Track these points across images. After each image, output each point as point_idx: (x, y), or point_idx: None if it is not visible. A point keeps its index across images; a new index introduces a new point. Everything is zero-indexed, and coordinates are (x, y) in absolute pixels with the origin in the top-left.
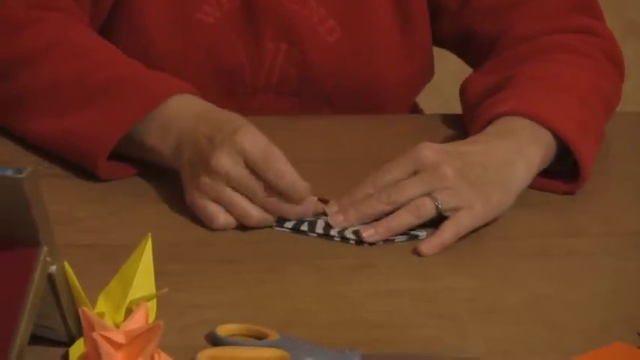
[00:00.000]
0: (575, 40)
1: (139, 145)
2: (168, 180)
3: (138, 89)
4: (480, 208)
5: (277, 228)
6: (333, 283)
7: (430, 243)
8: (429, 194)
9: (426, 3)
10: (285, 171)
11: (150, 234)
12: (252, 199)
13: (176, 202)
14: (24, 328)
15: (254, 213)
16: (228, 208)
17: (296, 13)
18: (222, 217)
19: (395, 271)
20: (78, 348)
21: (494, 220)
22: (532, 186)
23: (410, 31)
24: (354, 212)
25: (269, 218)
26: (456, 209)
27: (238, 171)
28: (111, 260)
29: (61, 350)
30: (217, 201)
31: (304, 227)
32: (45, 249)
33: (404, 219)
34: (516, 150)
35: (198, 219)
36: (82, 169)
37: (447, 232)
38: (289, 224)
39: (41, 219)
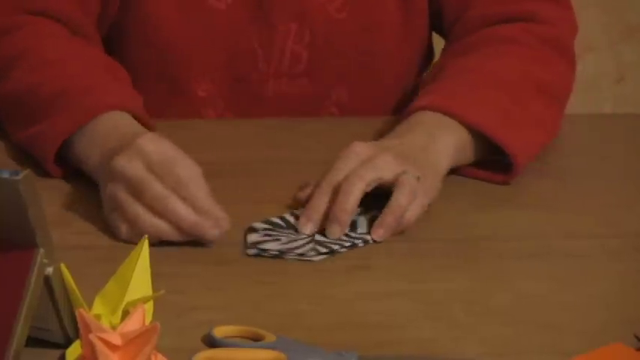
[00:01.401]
0: (515, 29)
1: (72, 155)
2: None
3: (72, 104)
4: (422, 189)
5: (289, 257)
6: (330, 284)
7: (377, 229)
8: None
9: None
10: (185, 177)
11: (146, 235)
12: (147, 203)
13: None
14: (20, 331)
15: (144, 216)
16: (121, 213)
17: None
18: (123, 229)
19: (391, 272)
20: (75, 350)
21: (491, 220)
22: (470, 175)
23: (409, 9)
24: (333, 208)
25: (164, 227)
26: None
27: (134, 170)
28: (107, 262)
29: (57, 352)
30: (117, 209)
31: (312, 254)
32: (41, 251)
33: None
34: (426, 136)
35: None
36: (79, 171)
37: (388, 216)
38: (294, 254)
39: (38, 221)
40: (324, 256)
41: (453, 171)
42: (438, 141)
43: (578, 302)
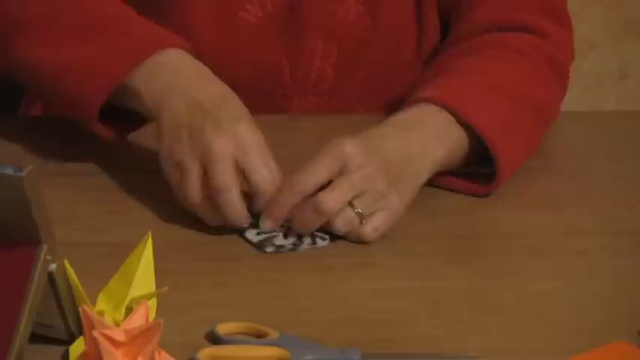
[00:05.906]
0: (522, 39)
1: (124, 88)
2: None
3: (140, 33)
4: (395, 207)
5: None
6: (333, 281)
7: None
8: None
9: None
10: (267, 178)
11: (150, 232)
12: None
13: (176, 200)
14: (24, 327)
15: (195, 191)
16: (183, 177)
17: (334, 12)
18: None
19: (395, 269)
20: (78, 346)
21: (494, 218)
22: (451, 188)
23: (424, 22)
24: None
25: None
26: (374, 211)
27: (221, 167)
28: (111, 258)
29: (61, 349)
30: (180, 166)
31: (320, 241)
32: (45, 247)
33: (340, 222)
34: (420, 145)
35: (199, 218)
36: (83, 166)
37: (369, 237)
38: (307, 244)
39: (41, 217)
40: (329, 241)
41: (429, 182)
42: (429, 154)
43: (582, 300)
